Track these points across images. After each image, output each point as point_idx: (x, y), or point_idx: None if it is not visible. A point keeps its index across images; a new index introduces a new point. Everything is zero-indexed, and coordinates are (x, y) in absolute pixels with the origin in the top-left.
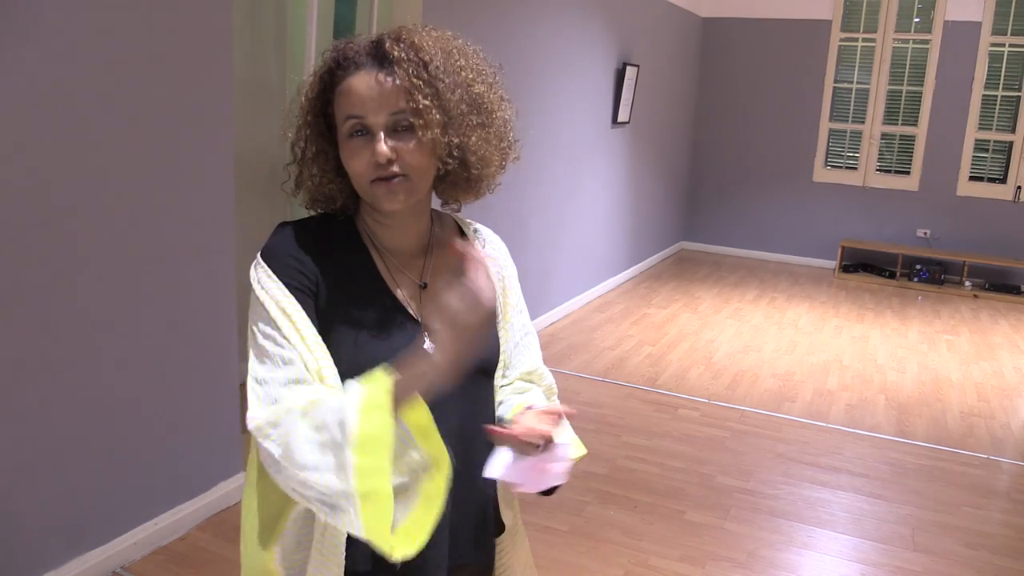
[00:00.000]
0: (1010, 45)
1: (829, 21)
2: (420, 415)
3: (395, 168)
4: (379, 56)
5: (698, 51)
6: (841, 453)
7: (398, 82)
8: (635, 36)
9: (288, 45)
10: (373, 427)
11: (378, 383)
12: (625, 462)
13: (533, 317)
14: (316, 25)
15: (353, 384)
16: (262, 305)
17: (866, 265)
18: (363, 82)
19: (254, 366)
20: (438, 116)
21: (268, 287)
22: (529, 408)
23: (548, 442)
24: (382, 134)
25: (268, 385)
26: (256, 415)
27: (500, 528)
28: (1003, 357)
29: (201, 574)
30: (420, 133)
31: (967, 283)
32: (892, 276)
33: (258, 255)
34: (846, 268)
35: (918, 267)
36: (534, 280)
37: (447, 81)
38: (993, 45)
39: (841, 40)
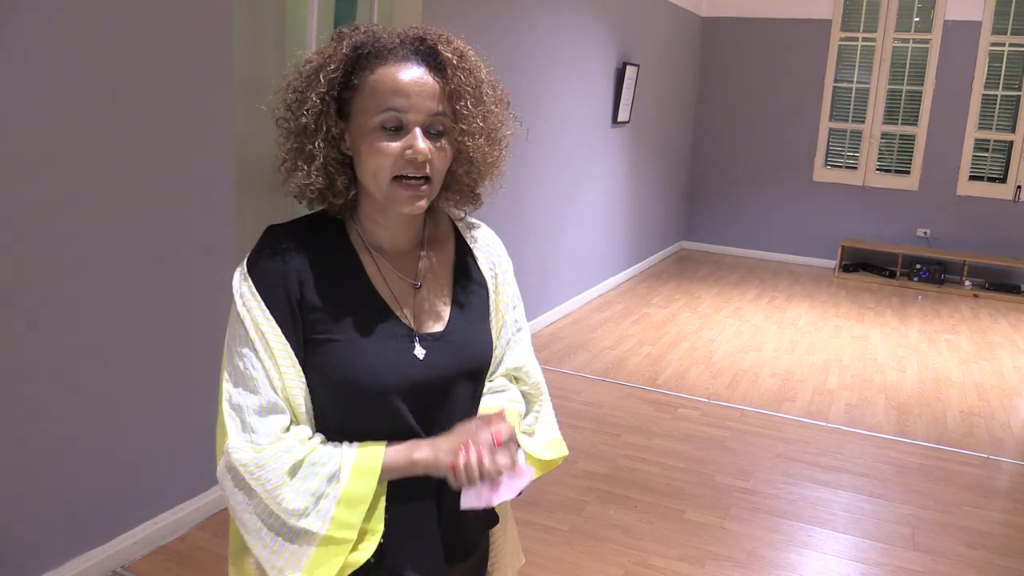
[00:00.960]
0: (1010, 44)
1: (829, 20)
2: (379, 489)
3: (426, 170)
4: (426, 54)
5: (698, 51)
6: (841, 452)
7: (449, 86)
8: (635, 35)
9: (288, 44)
10: (359, 488)
11: (373, 450)
12: (625, 461)
13: (533, 316)
14: (316, 24)
15: (348, 446)
16: (241, 323)
17: (866, 264)
18: (409, 75)
19: (228, 388)
20: (480, 123)
21: (250, 305)
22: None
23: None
24: (419, 131)
25: (243, 412)
26: (241, 448)
27: (494, 520)
28: (1003, 356)
29: (201, 573)
30: (462, 139)
31: (967, 282)
32: (892, 275)
33: (244, 264)
34: (846, 267)
35: (918, 266)
36: (534, 279)
37: (491, 93)
38: (993, 44)
39: (841, 39)
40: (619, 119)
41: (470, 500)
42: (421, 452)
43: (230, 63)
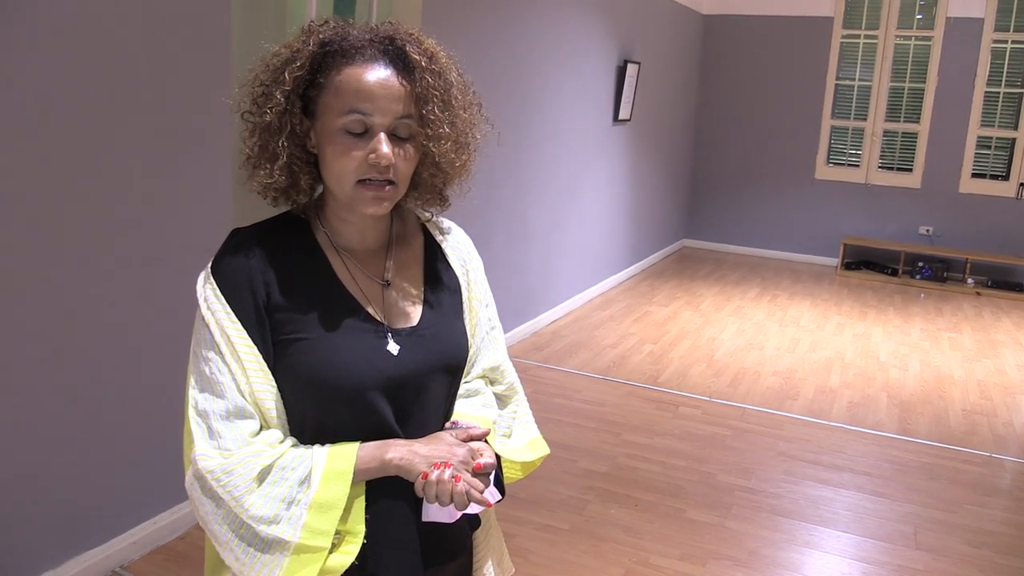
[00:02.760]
0: (1013, 41)
1: (831, 18)
2: (356, 490)
3: (390, 174)
4: (394, 55)
5: (700, 48)
6: (843, 451)
7: (416, 88)
8: (636, 33)
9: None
10: (331, 493)
11: (344, 452)
12: (626, 460)
13: (534, 314)
14: None
15: (319, 448)
16: (206, 327)
17: (868, 262)
18: (375, 77)
19: (194, 394)
20: (447, 129)
21: (214, 308)
22: (454, 424)
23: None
24: (383, 135)
25: (209, 418)
26: (208, 455)
27: (475, 523)
28: (1005, 355)
29: (200, 573)
30: (428, 144)
31: (969, 280)
32: (894, 273)
33: (208, 268)
34: (848, 265)
35: (920, 264)
36: (536, 278)
37: (460, 98)
38: (996, 41)
39: (843, 37)
40: (620, 117)
41: (432, 513)
42: (394, 452)
43: (229, 60)
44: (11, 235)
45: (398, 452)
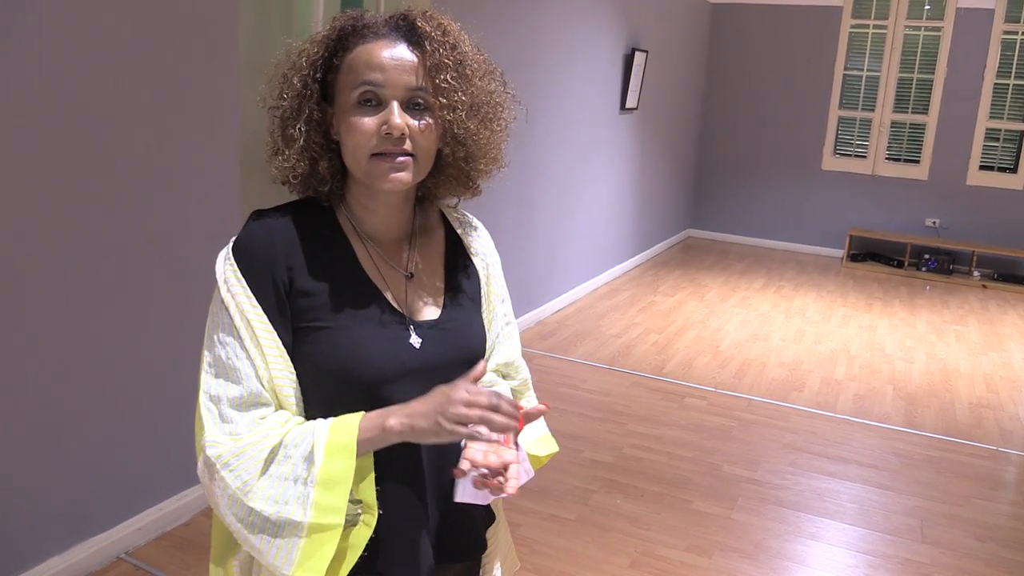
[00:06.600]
0: (1023, 33)
1: (840, 8)
2: (364, 462)
3: (406, 145)
4: (405, 29)
5: (707, 37)
6: (849, 443)
7: (427, 60)
8: (644, 21)
9: (294, 32)
10: (336, 468)
11: (346, 424)
12: (632, 451)
13: (539, 303)
14: (322, 12)
15: (321, 422)
16: (225, 310)
17: (874, 254)
18: (385, 49)
19: (208, 379)
20: (464, 98)
21: (235, 291)
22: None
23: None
24: (396, 104)
25: (221, 403)
26: (219, 441)
27: (491, 518)
28: (1012, 348)
29: (205, 560)
30: (443, 113)
31: (976, 273)
32: (900, 265)
33: (229, 248)
34: (854, 257)
35: (926, 256)
36: (541, 267)
37: (474, 67)
38: (1006, 33)
39: (852, 27)
40: (627, 105)
41: (467, 494)
42: (394, 419)
43: (236, 51)
44: (11, 220)
45: (396, 417)
